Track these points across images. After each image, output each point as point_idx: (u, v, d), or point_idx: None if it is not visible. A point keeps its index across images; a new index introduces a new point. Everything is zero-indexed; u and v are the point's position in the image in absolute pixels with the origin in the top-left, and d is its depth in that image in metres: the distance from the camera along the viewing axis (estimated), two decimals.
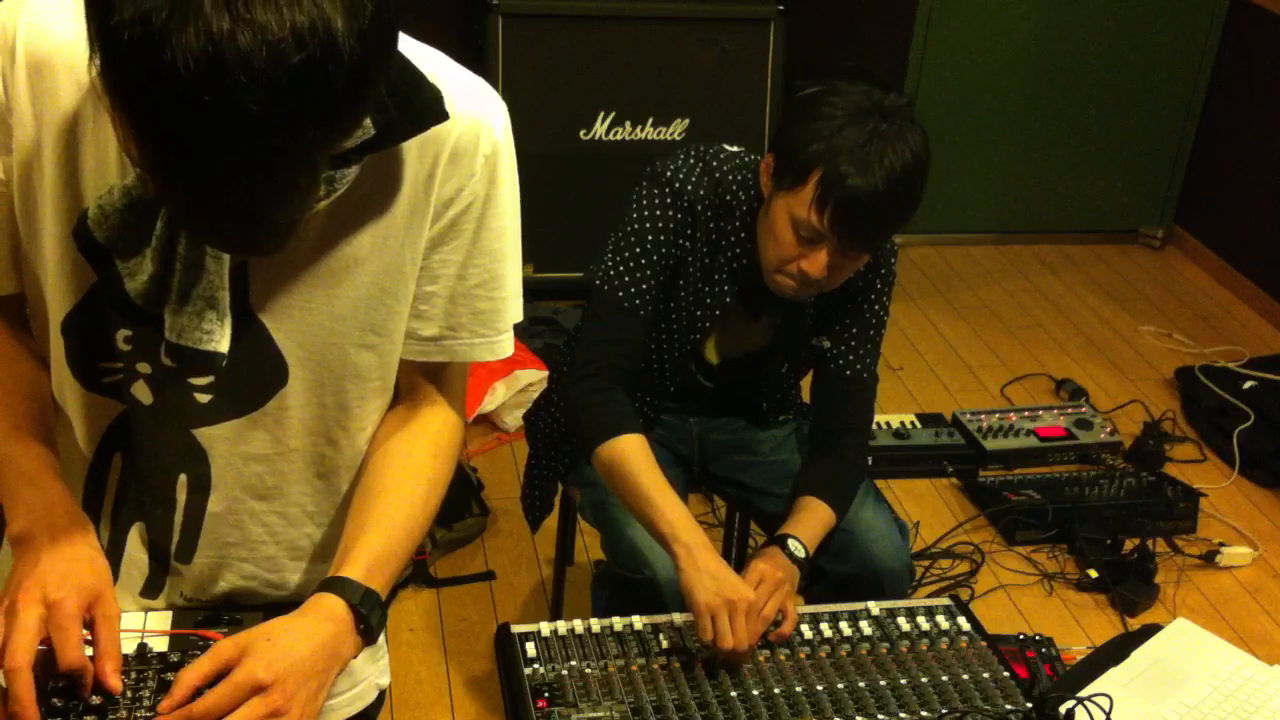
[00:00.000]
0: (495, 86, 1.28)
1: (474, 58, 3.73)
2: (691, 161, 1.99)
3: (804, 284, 1.90)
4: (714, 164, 1.99)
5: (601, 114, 3.91)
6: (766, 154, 1.93)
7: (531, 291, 1.40)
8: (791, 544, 1.89)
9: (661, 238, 1.97)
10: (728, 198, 1.98)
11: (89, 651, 1.19)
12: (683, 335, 2.08)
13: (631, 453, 1.90)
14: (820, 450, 2.12)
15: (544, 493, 2.38)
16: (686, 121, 3.96)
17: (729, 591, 1.68)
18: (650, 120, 3.94)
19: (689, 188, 1.96)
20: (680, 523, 1.82)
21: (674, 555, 1.80)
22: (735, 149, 2.05)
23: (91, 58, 0.92)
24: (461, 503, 3.03)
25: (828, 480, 2.04)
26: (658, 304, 2.02)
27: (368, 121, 1.06)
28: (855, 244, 1.85)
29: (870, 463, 2.19)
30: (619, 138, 3.93)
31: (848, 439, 2.10)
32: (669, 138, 3.96)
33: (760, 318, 2.10)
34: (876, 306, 2.08)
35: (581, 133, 3.91)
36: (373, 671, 1.43)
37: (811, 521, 1.96)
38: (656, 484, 1.87)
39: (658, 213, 1.97)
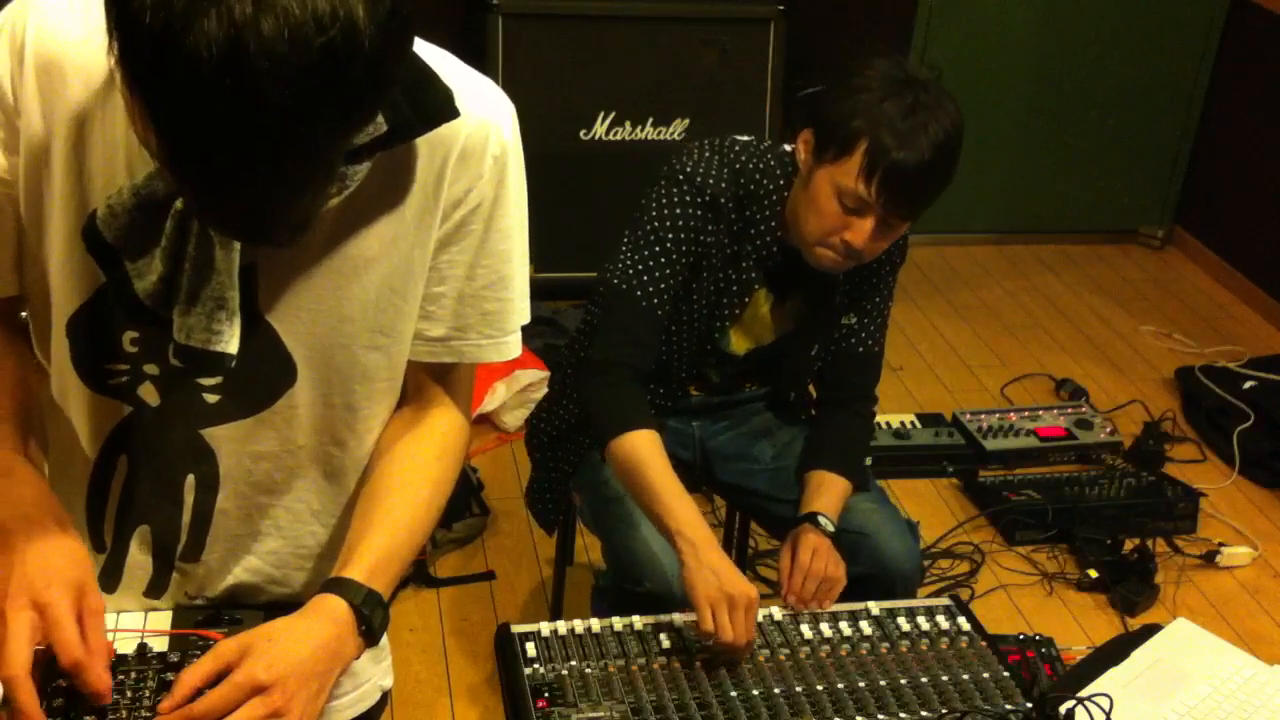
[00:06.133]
0: None
1: (474, 58, 3.70)
2: (708, 155, 2.02)
3: (847, 255, 1.94)
4: (730, 155, 2.02)
5: (601, 114, 3.90)
6: (803, 131, 1.96)
7: (532, 291, 1.40)
8: (822, 520, 1.98)
9: (681, 235, 1.99)
10: (752, 186, 2.00)
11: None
12: (704, 323, 2.09)
13: (643, 447, 1.91)
14: (828, 418, 2.19)
15: (555, 495, 2.36)
16: (686, 121, 3.96)
17: (729, 586, 1.69)
18: (650, 120, 3.94)
19: (710, 181, 1.99)
20: (686, 518, 1.83)
21: (678, 550, 1.81)
22: (746, 138, 2.08)
23: (110, 46, 0.91)
24: (461, 503, 3.03)
25: (839, 451, 2.12)
26: (675, 302, 2.03)
27: (380, 118, 1.06)
28: (900, 212, 1.89)
29: (870, 463, 2.21)
30: (619, 138, 3.93)
31: (858, 406, 2.20)
32: (669, 138, 3.96)
33: (786, 302, 2.13)
34: (891, 280, 2.15)
35: (581, 133, 3.91)
36: (375, 673, 1.43)
37: (831, 497, 2.05)
38: (666, 480, 1.88)
39: (677, 210, 1.98)
